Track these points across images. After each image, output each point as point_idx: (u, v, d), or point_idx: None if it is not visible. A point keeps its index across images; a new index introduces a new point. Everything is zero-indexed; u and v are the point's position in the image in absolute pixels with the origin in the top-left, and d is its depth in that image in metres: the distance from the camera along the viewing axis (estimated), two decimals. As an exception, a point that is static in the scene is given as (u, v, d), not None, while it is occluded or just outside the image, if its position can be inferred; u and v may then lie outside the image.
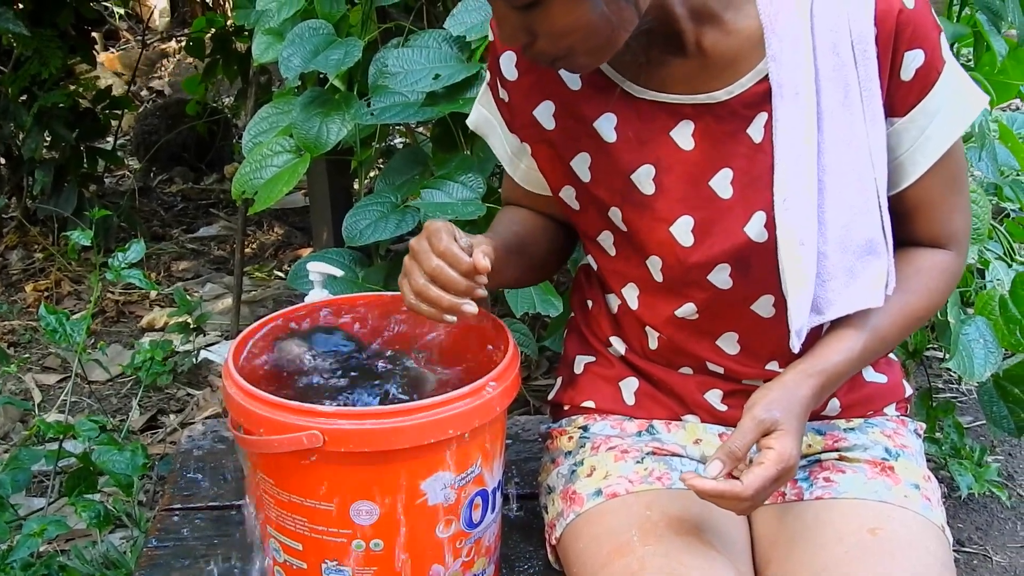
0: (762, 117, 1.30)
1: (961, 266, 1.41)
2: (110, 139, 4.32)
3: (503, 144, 1.50)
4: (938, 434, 2.52)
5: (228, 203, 4.30)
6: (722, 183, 1.32)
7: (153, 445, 2.73)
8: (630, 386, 1.51)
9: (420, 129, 2.83)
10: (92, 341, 3.19)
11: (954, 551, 2.21)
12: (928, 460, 1.54)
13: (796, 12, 1.26)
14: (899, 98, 1.30)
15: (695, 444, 1.47)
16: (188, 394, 3.00)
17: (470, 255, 1.26)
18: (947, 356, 2.07)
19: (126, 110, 4.27)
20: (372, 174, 3.20)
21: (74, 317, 2.28)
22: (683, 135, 1.33)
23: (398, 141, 3.61)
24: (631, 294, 1.43)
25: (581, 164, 1.39)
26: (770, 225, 1.30)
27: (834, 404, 1.46)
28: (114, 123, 4.23)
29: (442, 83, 1.98)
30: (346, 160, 2.45)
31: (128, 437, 2.68)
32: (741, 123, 1.31)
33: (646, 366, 1.48)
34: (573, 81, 1.36)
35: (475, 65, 2.01)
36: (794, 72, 1.27)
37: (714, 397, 1.46)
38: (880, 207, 1.30)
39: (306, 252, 3.66)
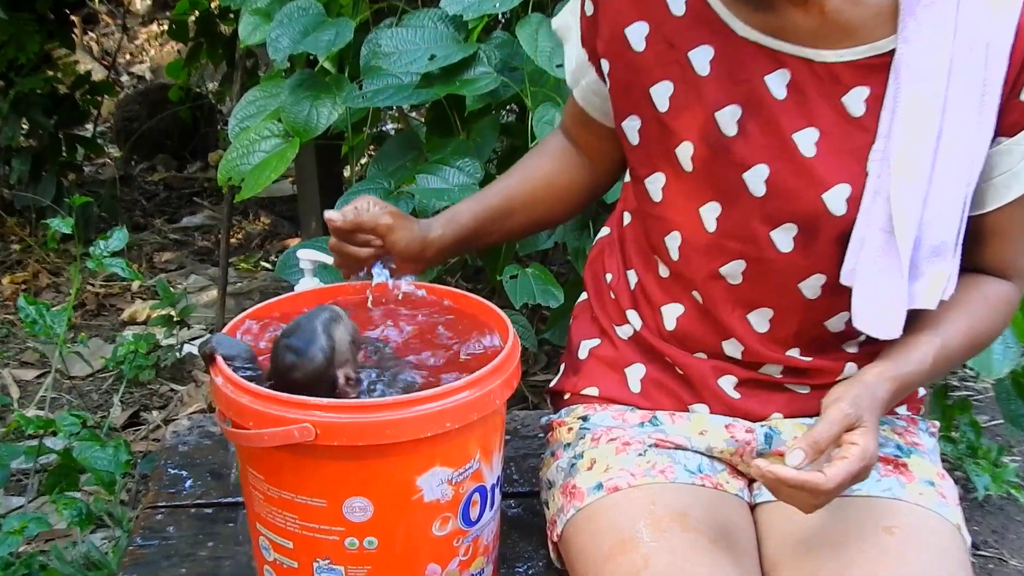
0: (863, 91, 1.31)
1: (1018, 299, 1.42)
2: (90, 126, 4.33)
3: (573, 55, 1.52)
4: (954, 433, 2.53)
5: (212, 192, 4.30)
6: (806, 140, 1.33)
7: (136, 442, 2.73)
8: (636, 373, 1.51)
9: (414, 113, 2.84)
10: (72, 335, 3.19)
11: (972, 554, 2.22)
12: (943, 460, 1.55)
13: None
14: (1011, 118, 1.30)
15: (700, 435, 1.47)
16: (171, 390, 3.00)
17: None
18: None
19: (106, 96, 4.27)
20: (364, 160, 3.21)
21: (54, 309, 2.28)
22: (778, 83, 1.34)
23: (391, 126, 3.61)
24: (673, 244, 1.44)
25: (662, 92, 1.39)
26: (854, 201, 1.31)
27: (848, 399, 1.47)
28: (94, 110, 4.24)
29: (438, 64, 1.99)
30: (337, 145, 2.46)
31: (110, 434, 2.68)
32: (839, 89, 1.32)
33: (659, 345, 1.49)
34: (677, 6, 1.37)
35: (472, 45, 2.01)
36: (925, 57, 1.28)
37: (727, 384, 1.47)
38: (963, 212, 1.31)
39: (294, 242, 3.66)
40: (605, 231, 1.63)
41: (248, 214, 4.12)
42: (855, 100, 1.32)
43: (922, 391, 1.56)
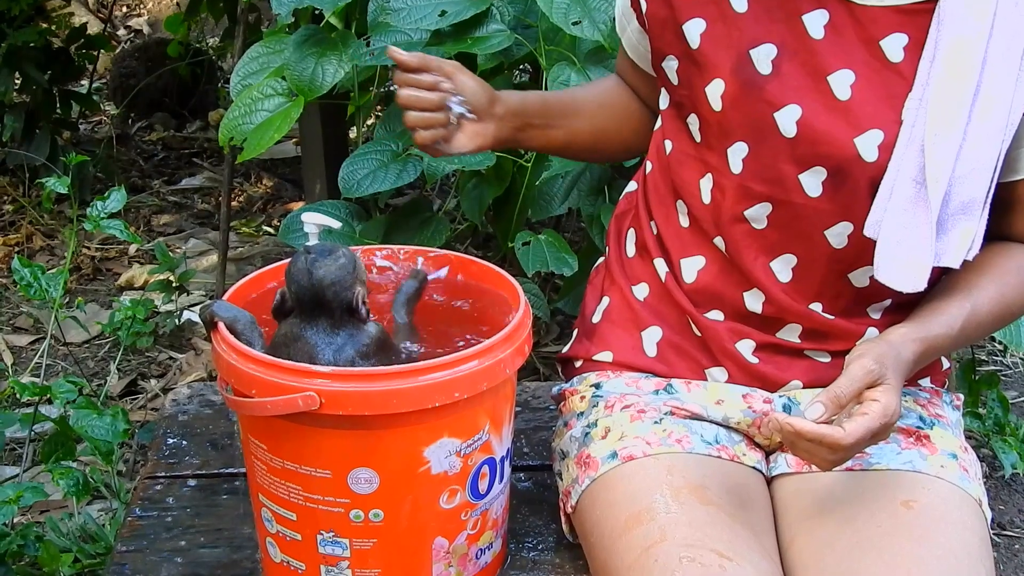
0: (902, 37, 1.33)
1: None
2: (85, 82, 4.32)
3: (619, 2, 1.57)
4: (981, 409, 2.53)
5: (213, 152, 4.30)
6: (841, 83, 1.35)
7: (134, 411, 2.75)
8: (652, 336, 1.52)
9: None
10: (67, 300, 3.20)
11: (993, 534, 2.23)
12: (969, 436, 1.56)
13: None
14: None
15: (717, 405, 1.48)
16: (170, 358, 3.02)
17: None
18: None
19: (102, 51, 4.26)
20: (370, 121, 3.21)
21: (49, 273, 2.29)
22: (815, 23, 1.36)
23: (399, 86, 3.60)
24: (706, 188, 1.45)
25: (693, 29, 1.41)
26: (886, 148, 1.33)
27: (868, 371, 1.48)
28: (89, 65, 4.23)
29: (448, 20, 1.99)
30: (342, 105, 2.46)
31: (106, 403, 2.70)
32: (878, 32, 1.34)
33: (680, 299, 1.50)
34: None
35: (484, 1, 2.01)
36: (969, 6, 1.30)
37: (745, 348, 1.48)
38: (994, 171, 1.32)
39: (297, 206, 3.67)
40: (632, 186, 1.64)
41: (250, 176, 4.13)
42: (894, 45, 1.34)
43: (946, 364, 1.57)
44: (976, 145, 1.31)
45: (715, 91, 1.40)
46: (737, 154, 1.40)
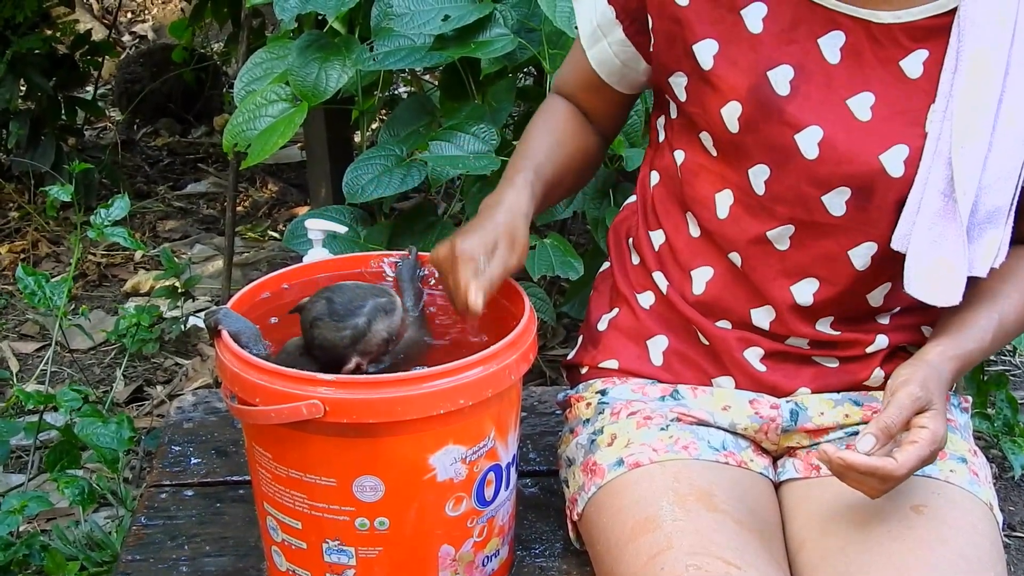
0: (922, 54, 1.33)
1: None
2: (90, 88, 4.32)
3: (591, 14, 1.50)
4: (989, 410, 2.52)
5: (218, 157, 4.30)
6: (861, 105, 1.34)
7: (139, 418, 2.75)
8: (658, 345, 1.52)
9: (427, 76, 2.83)
10: (73, 306, 3.20)
11: (1004, 536, 2.22)
12: (978, 437, 1.56)
13: None
14: None
15: (723, 411, 1.47)
16: (176, 364, 3.02)
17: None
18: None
19: (107, 57, 4.27)
20: (375, 125, 3.21)
21: (54, 280, 2.29)
22: (831, 46, 1.35)
23: (403, 89, 3.61)
24: (725, 203, 1.43)
25: (705, 50, 1.39)
26: (911, 162, 1.32)
27: (878, 374, 1.47)
28: (94, 71, 4.24)
29: (452, 25, 1.98)
30: (347, 110, 2.45)
31: (112, 409, 2.70)
32: (897, 52, 1.33)
33: (686, 310, 1.48)
34: None
35: (487, 5, 2.00)
36: (990, 14, 1.29)
37: (753, 356, 1.47)
38: (1019, 178, 1.32)
39: (303, 210, 3.67)
40: (633, 198, 1.63)
41: (255, 181, 4.13)
42: (913, 63, 1.33)
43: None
44: (1001, 153, 1.30)
45: (731, 113, 1.38)
46: (759, 176, 1.39)
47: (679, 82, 1.44)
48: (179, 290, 3.09)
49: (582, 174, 1.61)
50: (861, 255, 1.38)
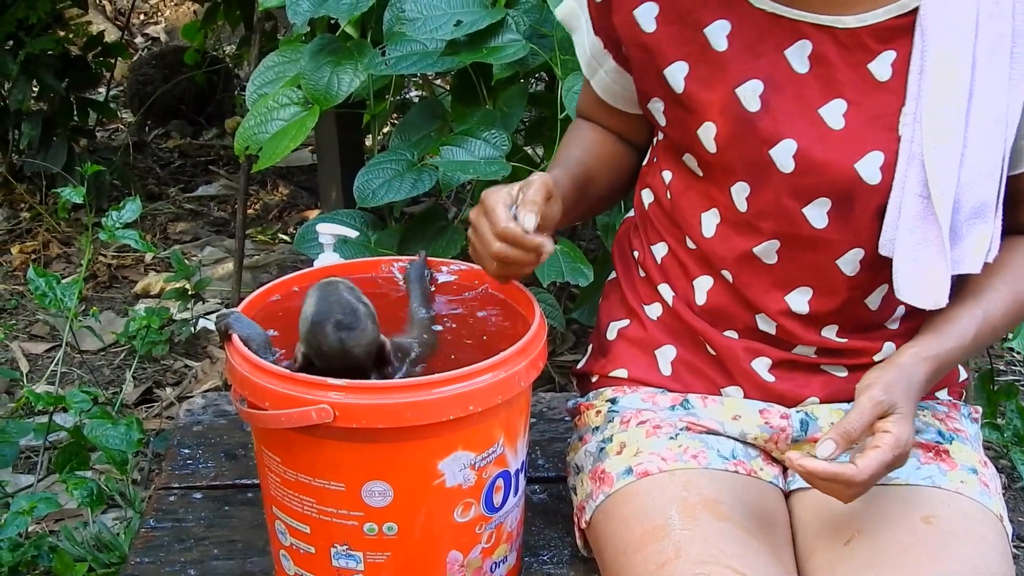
0: (889, 55, 1.32)
1: None
2: (102, 90, 4.33)
3: (584, 44, 1.51)
4: (1000, 420, 2.51)
5: (229, 160, 4.31)
6: (833, 113, 1.34)
7: (148, 420, 2.76)
8: (667, 355, 1.51)
9: (439, 81, 2.83)
10: (83, 307, 3.21)
11: (1014, 547, 2.21)
12: (988, 448, 1.55)
13: None
14: None
15: (733, 420, 1.47)
16: (186, 366, 3.03)
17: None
18: (1010, 335, 2.07)
19: (119, 58, 4.28)
20: (386, 129, 3.21)
21: (64, 281, 2.30)
22: (798, 56, 1.34)
23: (414, 94, 3.61)
24: (710, 222, 1.44)
25: (676, 73, 1.39)
26: (888, 168, 1.31)
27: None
28: (107, 72, 4.25)
29: (464, 30, 1.98)
30: (358, 114, 2.46)
31: (122, 411, 2.71)
32: (865, 56, 1.32)
33: (692, 320, 1.48)
34: None
35: (499, 11, 2.01)
36: (951, 12, 1.28)
37: (761, 366, 1.46)
38: (1002, 171, 1.31)
39: (313, 214, 3.67)
40: (631, 211, 1.63)
41: (266, 184, 4.13)
42: (882, 65, 1.32)
43: (964, 375, 1.55)
44: (978, 149, 1.29)
45: (707, 134, 1.38)
46: (741, 193, 1.39)
47: (657, 107, 1.44)
48: (189, 292, 3.09)
49: (617, 173, 1.59)
50: (849, 262, 1.38)
